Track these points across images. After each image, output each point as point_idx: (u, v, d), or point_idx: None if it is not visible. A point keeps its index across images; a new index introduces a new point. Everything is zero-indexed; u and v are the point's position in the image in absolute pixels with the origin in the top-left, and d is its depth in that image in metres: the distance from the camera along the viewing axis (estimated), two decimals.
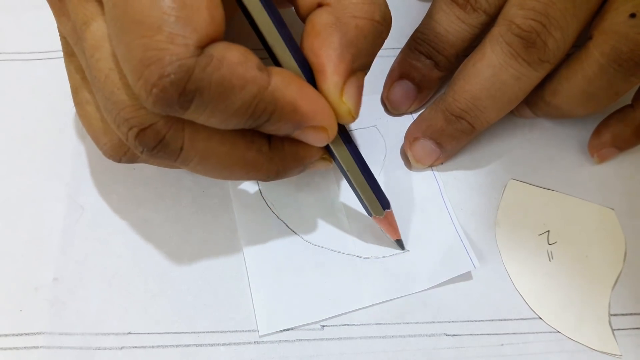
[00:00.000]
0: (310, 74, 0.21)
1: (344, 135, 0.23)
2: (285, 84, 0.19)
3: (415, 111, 0.31)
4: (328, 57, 0.20)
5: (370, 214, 0.26)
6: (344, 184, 0.28)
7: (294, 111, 0.20)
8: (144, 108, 0.19)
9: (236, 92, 0.18)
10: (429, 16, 0.29)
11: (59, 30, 0.24)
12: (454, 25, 0.28)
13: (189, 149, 0.20)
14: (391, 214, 0.26)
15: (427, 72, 0.29)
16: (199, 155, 0.21)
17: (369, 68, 0.23)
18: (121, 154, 0.23)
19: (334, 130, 0.22)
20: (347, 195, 0.28)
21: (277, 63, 0.21)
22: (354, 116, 0.22)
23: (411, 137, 0.29)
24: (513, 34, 0.24)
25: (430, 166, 0.29)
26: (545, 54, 0.24)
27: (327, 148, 0.23)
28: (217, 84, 0.18)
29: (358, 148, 0.24)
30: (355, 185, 0.25)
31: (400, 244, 0.27)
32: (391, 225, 0.26)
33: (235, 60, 0.18)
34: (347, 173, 0.24)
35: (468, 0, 0.27)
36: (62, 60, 0.24)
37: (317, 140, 0.22)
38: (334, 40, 0.21)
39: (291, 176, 0.24)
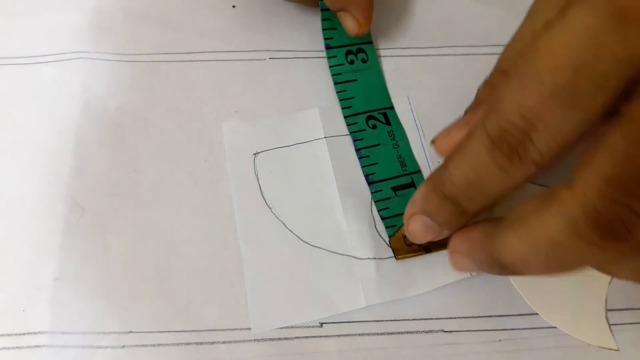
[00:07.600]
0: None
1: None
2: None
3: None
4: None
5: None
6: (342, 185, 0.29)
7: None
8: None
9: None
10: (461, 156, 0.23)
11: None
12: (492, 175, 0.22)
13: None
14: None
15: (451, 218, 0.25)
16: None
17: None
18: None
19: None
20: (345, 197, 0.28)
21: None
22: None
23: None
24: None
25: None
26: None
27: None
28: None
29: None
30: None
31: None
32: None
33: None
34: None
35: (516, 150, 0.21)
36: (63, 63, 0.24)
37: None
38: None
39: None
